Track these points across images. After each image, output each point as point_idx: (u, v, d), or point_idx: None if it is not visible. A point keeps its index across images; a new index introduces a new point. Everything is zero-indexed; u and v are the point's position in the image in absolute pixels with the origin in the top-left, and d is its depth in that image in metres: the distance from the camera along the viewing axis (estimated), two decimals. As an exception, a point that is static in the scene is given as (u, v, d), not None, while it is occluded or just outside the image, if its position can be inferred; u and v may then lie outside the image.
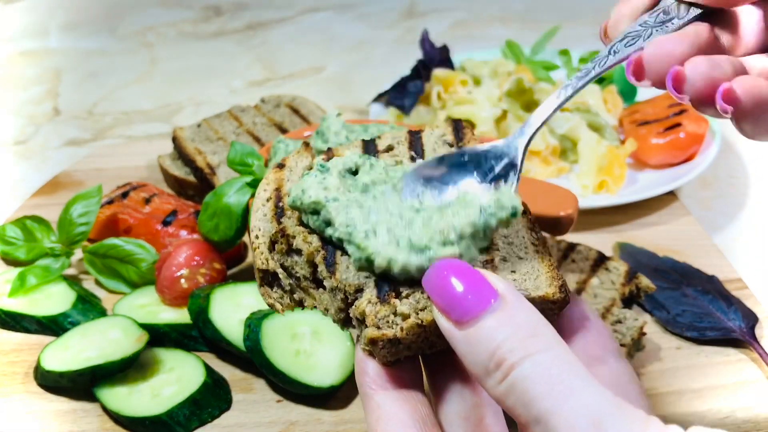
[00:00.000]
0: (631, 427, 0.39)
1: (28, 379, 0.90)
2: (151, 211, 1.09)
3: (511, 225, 0.53)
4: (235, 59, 1.79)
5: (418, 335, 0.48)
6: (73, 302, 0.97)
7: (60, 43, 1.89)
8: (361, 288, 0.51)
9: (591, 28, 1.89)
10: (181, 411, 0.83)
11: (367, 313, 0.49)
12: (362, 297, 0.50)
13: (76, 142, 1.46)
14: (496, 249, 0.52)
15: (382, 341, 0.48)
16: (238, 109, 1.31)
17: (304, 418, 0.85)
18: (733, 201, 1.27)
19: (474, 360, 0.43)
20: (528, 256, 0.51)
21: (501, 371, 0.42)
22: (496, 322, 0.43)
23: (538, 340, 0.42)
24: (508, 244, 0.52)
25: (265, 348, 0.85)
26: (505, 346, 0.42)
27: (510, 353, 0.42)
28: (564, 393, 0.40)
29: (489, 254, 0.51)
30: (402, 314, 0.48)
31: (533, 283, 0.49)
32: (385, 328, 0.48)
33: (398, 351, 0.50)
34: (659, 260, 1.06)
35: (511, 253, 0.52)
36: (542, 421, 0.40)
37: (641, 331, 0.91)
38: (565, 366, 0.41)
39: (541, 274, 0.50)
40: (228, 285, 0.94)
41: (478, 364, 0.43)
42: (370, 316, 0.49)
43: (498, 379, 0.42)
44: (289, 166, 0.60)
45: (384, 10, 2.02)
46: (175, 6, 2.07)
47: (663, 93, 1.37)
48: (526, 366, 0.41)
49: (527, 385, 0.41)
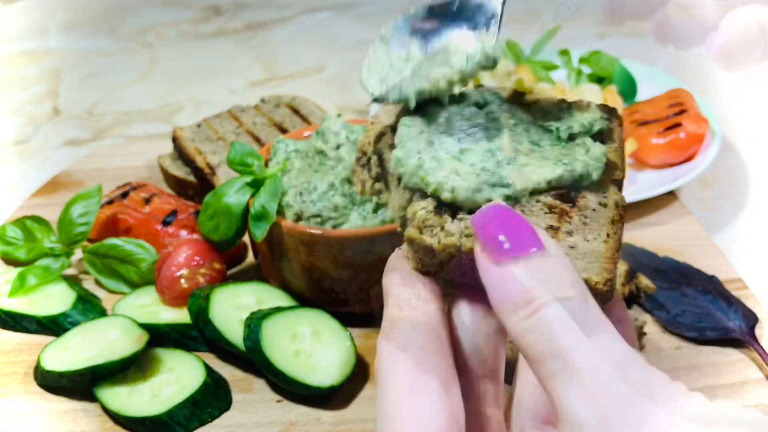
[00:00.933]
0: (651, 380, 0.40)
1: (28, 379, 0.90)
2: (151, 211, 1.09)
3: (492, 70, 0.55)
4: (235, 59, 1.79)
5: (452, 256, 0.49)
6: (73, 302, 0.97)
7: (60, 43, 1.89)
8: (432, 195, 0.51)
9: (591, 28, 1.89)
10: (181, 411, 0.83)
11: (417, 215, 0.50)
12: (422, 202, 0.51)
13: (76, 142, 1.46)
14: (567, 221, 0.51)
15: (418, 245, 0.49)
16: (238, 109, 1.31)
17: (304, 418, 0.85)
18: (733, 201, 1.27)
19: (504, 294, 0.43)
20: (594, 243, 0.51)
21: (530, 308, 0.42)
22: (536, 266, 0.43)
23: (574, 289, 0.42)
24: (583, 223, 0.52)
25: (265, 348, 0.85)
26: (540, 287, 0.42)
27: (544, 294, 0.42)
28: (591, 335, 0.40)
29: (558, 221, 0.51)
30: (447, 231, 0.49)
31: (584, 264, 0.49)
32: (427, 235, 0.49)
33: (431, 263, 0.50)
34: (659, 260, 1.06)
35: (580, 231, 0.51)
36: (561, 356, 0.40)
37: (641, 331, 0.91)
38: (595, 317, 0.42)
39: (597, 261, 0.49)
40: (228, 285, 0.94)
41: (506, 299, 0.43)
42: (418, 219, 0.50)
43: (524, 316, 0.42)
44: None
45: (384, 10, 2.02)
46: (175, 6, 2.07)
47: (663, 93, 1.37)
48: (557, 306, 0.41)
49: (555, 322, 0.41)
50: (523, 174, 0.52)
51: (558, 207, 0.52)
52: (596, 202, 0.53)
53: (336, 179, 0.93)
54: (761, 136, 1.45)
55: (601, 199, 0.53)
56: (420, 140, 0.54)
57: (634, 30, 1.88)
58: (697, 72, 1.68)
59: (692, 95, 1.33)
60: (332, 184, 0.93)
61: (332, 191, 0.92)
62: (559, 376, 0.40)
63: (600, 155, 0.54)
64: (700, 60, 1.83)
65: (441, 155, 0.52)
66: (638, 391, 0.40)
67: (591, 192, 0.53)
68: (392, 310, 0.49)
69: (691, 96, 1.33)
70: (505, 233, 0.44)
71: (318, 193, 0.92)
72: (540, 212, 0.51)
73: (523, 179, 0.51)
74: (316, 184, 0.93)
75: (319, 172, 0.95)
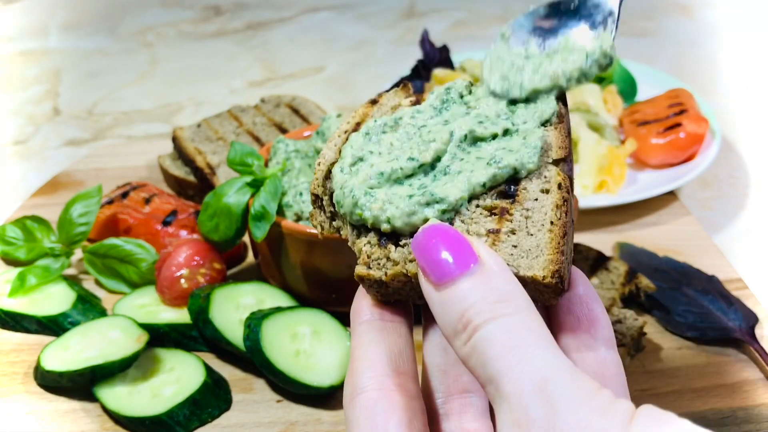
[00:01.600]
0: (578, 392, 0.40)
1: (28, 379, 0.90)
2: (151, 211, 1.09)
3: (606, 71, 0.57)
4: (235, 59, 1.79)
5: (403, 283, 0.50)
6: (73, 302, 0.97)
7: (60, 43, 1.89)
8: (374, 228, 0.52)
9: (591, 28, 1.89)
10: (181, 411, 0.83)
11: (363, 252, 0.52)
12: (366, 237, 0.52)
13: (76, 142, 1.46)
14: (508, 220, 0.51)
15: (369, 280, 0.51)
16: (238, 109, 1.31)
17: (304, 418, 0.85)
18: (733, 201, 1.27)
19: (445, 320, 0.44)
20: (538, 235, 0.50)
21: (467, 332, 0.43)
22: (470, 285, 0.44)
23: (507, 305, 0.43)
24: (525, 217, 0.52)
25: (265, 348, 0.85)
26: (474, 309, 0.43)
27: (477, 315, 0.43)
28: (518, 356, 0.41)
29: (499, 223, 0.51)
30: (393, 260, 0.50)
31: (528, 262, 0.49)
32: (374, 269, 0.51)
33: (387, 293, 0.52)
34: (659, 260, 1.06)
35: (522, 227, 0.51)
36: (494, 382, 0.41)
37: (641, 331, 0.91)
38: (526, 332, 0.42)
39: (543, 255, 0.49)
40: (228, 285, 0.94)
41: (448, 325, 0.44)
42: (363, 255, 0.51)
43: (463, 340, 0.43)
44: (381, 102, 0.62)
45: (384, 10, 2.02)
46: (175, 6, 2.07)
47: (663, 93, 1.37)
48: (489, 328, 0.42)
49: (487, 346, 0.42)
50: (456, 184, 0.52)
51: (498, 207, 0.52)
52: (538, 190, 0.53)
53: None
54: (761, 136, 1.45)
55: (543, 186, 0.53)
56: (354, 172, 0.54)
57: (634, 30, 1.89)
58: (697, 72, 1.69)
59: (692, 95, 1.33)
60: (332, 184, 0.93)
61: (332, 191, 0.92)
62: (495, 400, 0.42)
63: (536, 140, 0.54)
64: (700, 60, 1.84)
65: (373, 185, 0.53)
66: (555, 414, 0.39)
67: (531, 181, 0.53)
68: (353, 351, 0.50)
69: (691, 96, 1.33)
70: (443, 252, 0.45)
71: (318, 193, 0.92)
72: (480, 217, 0.52)
73: (456, 190, 0.51)
74: (316, 184, 0.93)
75: (319, 172, 0.95)
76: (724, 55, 1.77)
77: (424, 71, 1.40)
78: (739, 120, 1.48)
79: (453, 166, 0.53)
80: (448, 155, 0.54)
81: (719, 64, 1.73)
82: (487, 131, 0.55)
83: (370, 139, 0.56)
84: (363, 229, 0.53)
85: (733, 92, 1.60)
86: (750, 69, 1.70)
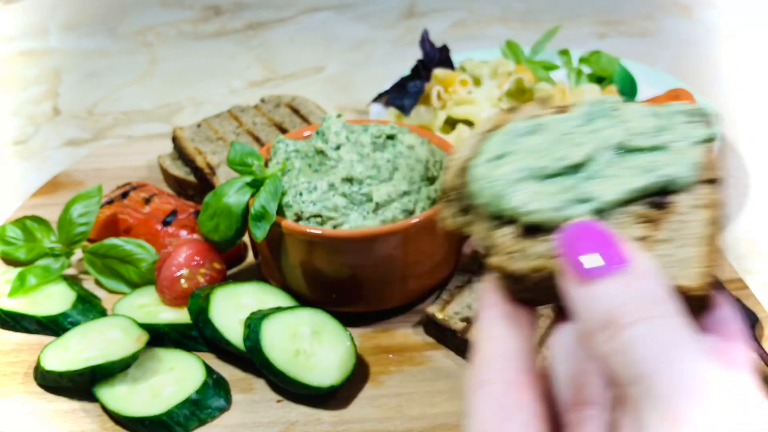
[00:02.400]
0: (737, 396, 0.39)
1: (28, 379, 0.90)
2: (151, 211, 1.09)
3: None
4: (235, 59, 1.79)
5: (539, 281, 0.48)
6: (73, 302, 0.97)
7: (60, 43, 1.89)
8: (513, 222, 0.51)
9: (591, 28, 1.89)
10: (181, 411, 0.83)
11: (500, 244, 0.50)
12: (504, 229, 0.51)
13: (76, 142, 1.46)
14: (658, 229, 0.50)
15: (503, 273, 0.49)
16: (238, 109, 1.31)
17: (304, 418, 0.85)
18: (733, 201, 1.27)
19: (587, 317, 0.43)
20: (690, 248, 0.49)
21: (612, 330, 0.41)
22: (621, 284, 0.42)
23: (658, 308, 0.42)
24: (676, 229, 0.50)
25: (265, 348, 0.85)
26: (623, 308, 0.41)
27: (626, 315, 0.41)
28: (673, 358, 0.40)
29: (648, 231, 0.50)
30: (533, 254, 0.49)
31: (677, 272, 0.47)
32: (512, 261, 0.49)
33: (518, 290, 0.50)
34: (659, 260, 1.06)
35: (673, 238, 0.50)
36: (644, 381, 0.40)
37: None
38: (679, 336, 0.41)
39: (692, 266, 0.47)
40: (228, 285, 0.94)
41: (589, 320, 0.42)
42: (501, 247, 0.50)
43: (607, 337, 0.41)
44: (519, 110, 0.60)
45: (384, 10, 2.02)
46: (175, 6, 2.07)
47: (663, 93, 1.37)
48: (639, 328, 0.41)
49: (636, 345, 0.40)
50: (610, 186, 0.51)
51: (649, 215, 0.50)
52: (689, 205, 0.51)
53: (336, 179, 0.93)
54: (761, 136, 1.45)
55: (696, 201, 0.51)
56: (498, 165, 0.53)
57: (634, 30, 1.89)
58: (697, 72, 1.69)
59: (692, 95, 1.33)
60: (332, 184, 0.93)
61: (332, 191, 0.92)
62: (642, 400, 0.40)
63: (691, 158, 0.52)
64: (701, 60, 1.84)
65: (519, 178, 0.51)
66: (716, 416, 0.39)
67: (683, 195, 0.51)
68: (481, 342, 0.49)
69: (691, 96, 1.33)
70: (591, 250, 0.44)
71: (318, 193, 0.92)
72: (629, 223, 0.50)
73: (608, 192, 0.50)
74: (316, 184, 0.93)
75: (319, 172, 0.95)
76: (724, 55, 1.77)
77: (424, 71, 1.40)
78: (739, 120, 1.48)
79: (604, 171, 0.52)
80: (599, 160, 0.53)
81: (719, 64, 1.73)
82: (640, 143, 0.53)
83: (512, 140, 0.55)
84: (501, 222, 0.51)
85: (733, 92, 1.59)
86: (750, 69, 1.70)
